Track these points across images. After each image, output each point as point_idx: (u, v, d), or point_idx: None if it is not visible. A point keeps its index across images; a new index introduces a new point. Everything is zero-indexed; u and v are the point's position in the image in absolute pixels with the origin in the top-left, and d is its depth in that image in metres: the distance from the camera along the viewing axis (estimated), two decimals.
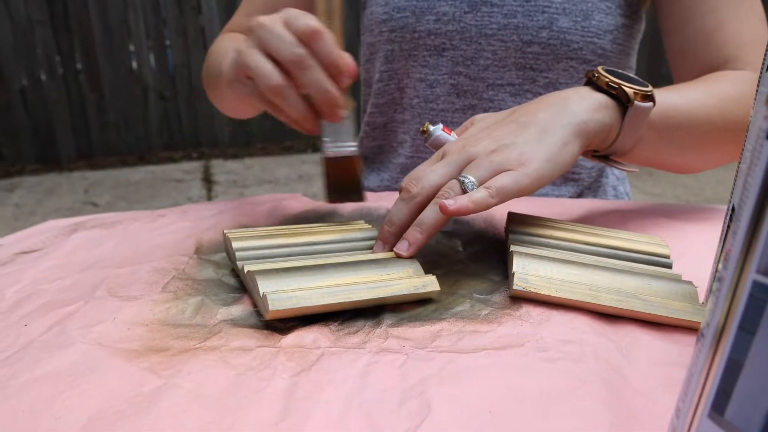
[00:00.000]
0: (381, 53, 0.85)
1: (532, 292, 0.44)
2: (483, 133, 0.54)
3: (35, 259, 0.57)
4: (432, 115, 0.84)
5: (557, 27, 0.76)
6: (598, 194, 0.88)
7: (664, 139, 0.60)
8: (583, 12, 0.76)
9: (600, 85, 0.56)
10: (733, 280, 0.23)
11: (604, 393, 0.35)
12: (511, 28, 0.78)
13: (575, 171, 0.85)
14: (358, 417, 0.33)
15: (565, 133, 0.52)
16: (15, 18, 3.54)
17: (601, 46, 0.77)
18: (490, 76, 0.81)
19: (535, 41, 0.77)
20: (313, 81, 0.50)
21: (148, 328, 0.43)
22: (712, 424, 0.24)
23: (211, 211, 0.67)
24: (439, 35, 0.80)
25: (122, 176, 3.63)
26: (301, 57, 0.49)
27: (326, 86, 0.50)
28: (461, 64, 0.81)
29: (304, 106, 0.51)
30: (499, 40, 0.79)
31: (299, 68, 0.49)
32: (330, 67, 0.50)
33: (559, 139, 0.52)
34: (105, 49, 3.69)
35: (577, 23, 0.76)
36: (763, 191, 0.21)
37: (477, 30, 0.79)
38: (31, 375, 0.38)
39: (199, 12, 3.72)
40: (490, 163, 0.50)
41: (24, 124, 3.73)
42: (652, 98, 0.56)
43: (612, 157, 0.60)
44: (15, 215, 3.06)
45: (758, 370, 0.22)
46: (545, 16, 0.77)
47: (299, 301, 0.42)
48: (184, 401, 0.35)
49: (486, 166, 0.50)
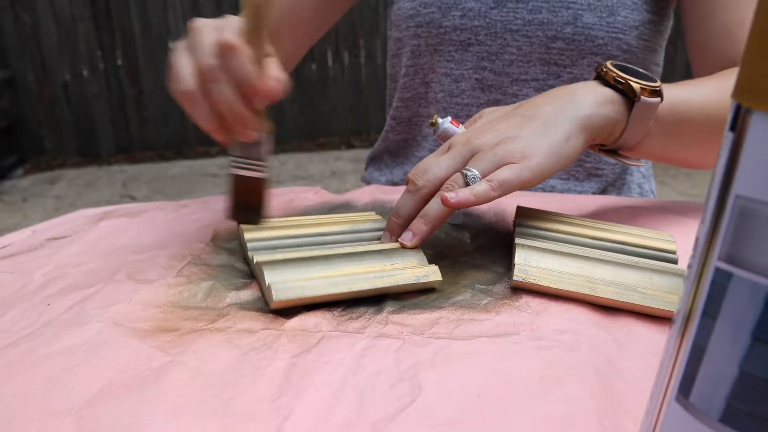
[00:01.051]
0: (407, 48, 0.86)
1: (531, 283, 0.45)
2: (488, 125, 0.55)
3: (64, 244, 0.60)
4: (457, 109, 0.85)
5: (582, 23, 0.77)
6: (623, 191, 0.88)
7: (672, 134, 0.60)
8: (608, 8, 0.76)
9: (607, 80, 0.57)
10: (699, 267, 0.24)
11: (593, 381, 0.36)
12: (536, 24, 0.78)
13: (598, 167, 0.85)
14: (351, 397, 0.35)
15: (569, 127, 0.53)
16: (59, 15, 3.63)
17: (626, 41, 0.78)
18: (515, 71, 0.81)
19: (560, 37, 0.78)
20: (220, 96, 0.47)
21: (160, 309, 0.45)
22: (678, 407, 0.25)
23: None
24: (464, 30, 0.81)
25: (159, 170, 3.69)
26: (210, 69, 0.47)
27: (232, 104, 0.47)
28: (486, 59, 0.82)
29: (211, 118, 0.49)
30: (524, 36, 0.79)
31: (207, 80, 0.48)
32: (243, 86, 0.47)
33: (563, 133, 0.52)
34: (145, 46, 3.77)
35: (602, 19, 0.76)
36: (725, 182, 0.22)
37: (502, 25, 0.80)
38: (48, 349, 0.40)
39: (237, 9, 3.78)
40: (494, 156, 0.51)
41: (66, 118, 3.82)
42: (659, 94, 0.56)
43: (619, 152, 0.60)
44: (55, 206, 3.14)
45: (719, 355, 0.23)
46: (570, 12, 0.77)
47: (303, 291, 0.44)
48: (188, 377, 0.37)
49: (489, 159, 0.51)
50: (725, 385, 0.23)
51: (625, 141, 0.58)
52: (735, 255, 0.22)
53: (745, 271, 0.21)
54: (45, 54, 3.69)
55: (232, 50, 0.46)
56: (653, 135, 0.59)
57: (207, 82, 0.48)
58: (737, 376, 0.22)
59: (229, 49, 0.46)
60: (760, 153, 0.20)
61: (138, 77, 3.81)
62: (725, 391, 0.23)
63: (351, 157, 3.83)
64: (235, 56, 0.46)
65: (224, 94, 0.47)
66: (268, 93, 0.47)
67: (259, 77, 0.47)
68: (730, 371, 0.22)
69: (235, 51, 0.46)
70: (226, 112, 0.48)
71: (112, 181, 3.54)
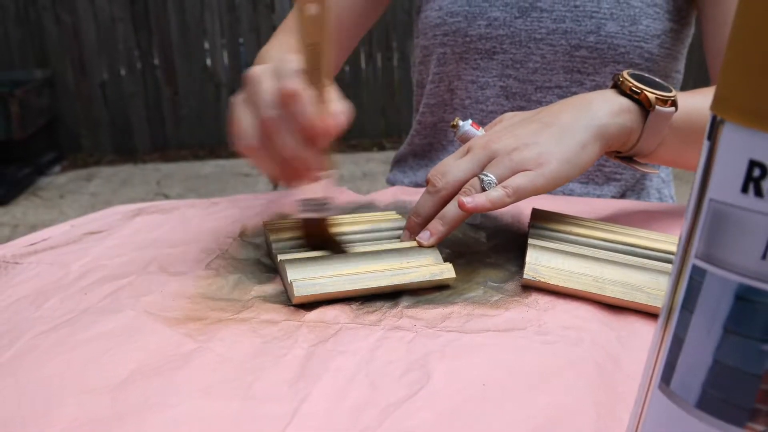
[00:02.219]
0: (434, 56, 0.89)
1: (541, 282, 0.47)
2: (507, 130, 0.57)
3: (100, 238, 0.63)
4: (482, 116, 0.87)
5: (605, 32, 0.78)
6: (642, 196, 0.90)
7: (686, 141, 0.61)
8: (630, 17, 0.78)
9: (623, 89, 0.58)
10: (679, 265, 0.26)
11: (594, 374, 0.38)
12: (560, 33, 0.80)
13: (617, 171, 0.87)
14: (363, 383, 0.37)
15: (585, 135, 0.54)
16: (99, 16, 3.71)
17: (648, 50, 0.79)
18: (539, 78, 0.83)
19: (583, 45, 0.79)
20: (284, 145, 0.47)
21: (190, 300, 0.48)
22: (661, 394, 0.27)
23: (259, 200, 0.72)
24: (490, 39, 0.83)
25: (193, 169, 3.75)
26: (272, 120, 0.47)
27: (296, 152, 0.47)
28: (511, 67, 0.84)
29: (277, 170, 0.49)
30: (548, 44, 0.81)
31: (269, 131, 0.47)
32: (305, 130, 0.46)
33: (578, 141, 0.54)
34: (181, 47, 3.83)
35: (625, 28, 0.78)
36: (701, 186, 0.24)
37: (527, 34, 0.82)
38: (86, 334, 0.44)
39: (272, 10, 3.83)
40: (510, 161, 0.52)
41: (103, 116, 3.91)
42: (674, 103, 0.57)
43: (635, 158, 0.61)
44: (91, 203, 3.21)
45: (696, 346, 0.25)
46: (593, 21, 0.79)
47: (322, 287, 0.46)
48: (214, 362, 0.40)
49: (506, 164, 0.52)
50: (701, 373, 0.25)
51: (640, 149, 0.59)
52: (709, 253, 0.24)
53: (718, 268, 0.23)
54: (84, 54, 3.77)
55: (294, 98, 0.46)
56: (668, 143, 0.61)
57: (270, 134, 0.47)
58: (711, 365, 0.24)
59: (291, 97, 0.46)
60: (730, 160, 0.22)
61: (174, 77, 3.88)
62: (701, 379, 0.25)
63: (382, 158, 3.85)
64: (296, 103, 0.46)
65: (288, 144, 0.47)
66: (330, 132, 0.47)
67: (321, 117, 0.46)
68: (705, 360, 0.24)
69: (297, 98, 0.46)
70: (290, 160, 0.48)
71: (147, 179, 3.60)
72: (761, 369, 0.23)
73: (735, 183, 0.22)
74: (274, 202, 0.70)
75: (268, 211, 0.67)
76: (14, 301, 0.50)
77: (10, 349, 0.42)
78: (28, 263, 0.57)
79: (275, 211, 0.67)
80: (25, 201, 3.25)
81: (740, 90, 0.22)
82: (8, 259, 0.59)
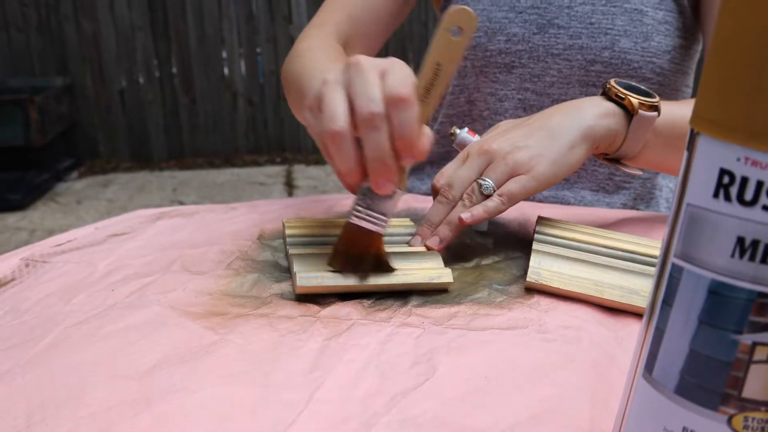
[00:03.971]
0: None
1: (543, 284, 0.50)
2: (500, 135, 0.61)
3: (124, 240, 0.66)
4: None
5: (619, 48, 0.81)
6: (651, 205, 0.92)
7: (671, 146, 0.65)
8: (643, 34, 0.81)
9: (610, 95, 0.63)
10: (661, 263, 0.28)
11: (591, 370, 0.41)
12: (576, 49, 0.83)
13: (627, 180, 0.89)
14: (374, 374, 0.40)
15: (573, 137, 0.59)
16: (119, 25, 3.78)
17: (659, 65, 0.82)
18: (556, 92, 0.86)
19: (598, 60, 0.83)
20: (375, 145, 0.45)
21: (211, 296, 0.51)
22: (644, 382, 0.29)
23: (276, 206, 0.75)
24: (509, 54, 0.86)
25: (209, 177, 3.80)
26: (374, 116, 0.45)
27: (384, 156, 0.46)
28: (529, 80, 0.87)
29: (353, 164, 0.47)
30: (565, 60, 0.84)
31: (367, 125, 0.45)
32: (400, 141, 0.45)
33: (567, 142, 0.59)
34: (199, 56, 3.89)
35: (638, 44, 0.81)
36: (681, 192, 0.27)
37: (544, 50, 0.85)
38: (114, 327, 0.47)
39: (290, 21, 3.88)
40: (506, 165, 0.57)
41: (121, 123, 3.96)
42: (657, 108, 0.62)
43: (621, 161, 0.66)
44: (108, 209, 3.26)
45: (674, 337, 0.27)
46: (608, 38, 0.82)
47: (323, 281, 0.50)
48: (234, 353, 0.43)
49: (502, 169, 0.57)
50: (679, 362, 0.27)
51: (625, 151, 0.64)
52: (686, 253, 0.26)
53: (693, 266, 0.26)
54: (103, 61, 3.84)
55: (405, 105, 0.45)
56: (652, 146, 0.65)
57: (366, 127, 0.46)
58: (688, 354, 0.27)
59: (404, 102, 0.45)
60: (704, 168, 0.25)
61: (192, 86, 3.94)
62: (679, 367, 0.27)
63: None
64: (406, 111, 0.45)
65: (379, 145, 0.45)
66: (423, 153, 0.47)
67: (419, 134, 0.46)
68: (682, 350, 0.27)
69: (408, 106, 0.45)
70: (374, 161, 0.46)
71: (163, 186, 3.65)
72: (732, 357, 0.26)
73: (708, 189, 0.25)
74: (292, 207, 0.73)
75: (285, 215, 0.70)
76: (43, 297, 0.53)
77: (43, 340, 0.46)
78: (55, 262, 0.61)
79: (293, 215, 0.70)
80: (42, 206, 3.30)
81: (713, 107, 0.25)
82: (36, 258, 0.62)
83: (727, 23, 0.24)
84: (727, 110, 0.24)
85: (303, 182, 3.69)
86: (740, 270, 0.24)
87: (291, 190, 3.57)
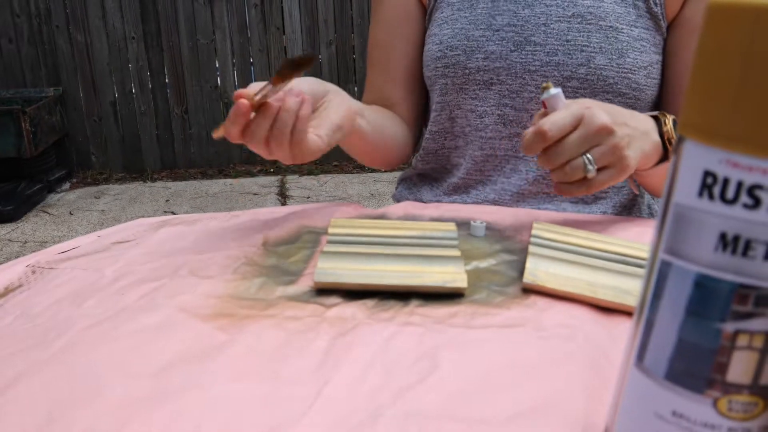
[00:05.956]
0: (436, 86, 0.94)
1: (539, 285, 0.52)
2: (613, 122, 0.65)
3: (129, 247, 0.68)
4: (481, 142, 0.92)
5: (594, 64, 0.84)
6: (633, 212, 0.95)
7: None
8: (618, 50, 0.84)
9: (662, 132, 0.70)
10: (651, 259, 0.30)
11: (586, 365, 0.43)
12: (553, 65, 0.86)
13: (603, 190, 0.92)
14: (379, 370, 0.42)
15: (647, 154, 0.66)
16: (111, 35, 3.80)
17: (635, 80, 0.85)
18: (534, 107, 0.89)
19: (574, 77, 0.85)
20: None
21: (220, 299, 0.53)
22: (636, 371, 0.31)
23: (278, 214, 0.77)
24: (487, 71, 0.89)
25: (201, 188, 3.81)
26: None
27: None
28: (507, 96, 0.89)
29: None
30: (542, 76, 0.87)
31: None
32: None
33: (638, 159, 0.65)
34: (192, 66, 3.91)
35: (613, 60, 0.84)
36: (669, 192, 0.29)
37: (522, 67, 0.87)
38: (126, 328, 0.48)
39: (282, 32, 3.91)
40: (612, 155, 0.64)
41: (113, 134, 3.98)
42: None
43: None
44: (100, 220, 3.27)
45: (663, 326, 0.30)
46: (583, 55, 0.84)
47: (339, 277, 0.53)
48: (244, 352, 0.44)
49: (607, 156, 0.64)
50: (668, 350, 0.29)
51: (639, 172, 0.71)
52: (673, 248, 0.28)
53: (680, 260, 0.28)
54: (96, 72, 3.85)
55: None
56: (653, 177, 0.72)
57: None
58: (676, 343, 0.29)
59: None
60: (689, 170, 0.27)
61: (184, 96, 3.96)
62: (668, 355, 0.29)
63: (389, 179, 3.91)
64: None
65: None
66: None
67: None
68: (671, 339, 0.29)
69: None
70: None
71: (156, 197, 3.66)
72: (716, 344, 0.28)
73: (693, 189, 0.27)
74: (294, 215, 0.75)
75: (287, 223, 0.72)
76: (54, 302, 0.55)
77: (58, 341, 0.47)
78: (62, 269, 0.62)
79: (295, 223, 0.72)
80: (34, 217, 3.30)
81: (697, 115, 0.27)
82: (42, 265, 0.63)
83: (709, 40, 0.26)
84: (709, 117, 0.26)
85: (296, 192, 3.71)
86: (723, 263, 0.27)
87: (284, 200, 3.58)
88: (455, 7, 0.91)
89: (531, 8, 0.87)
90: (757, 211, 0.26)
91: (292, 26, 3.88)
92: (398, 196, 1.07)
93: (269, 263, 0.60)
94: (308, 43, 3.85)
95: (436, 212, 0.75)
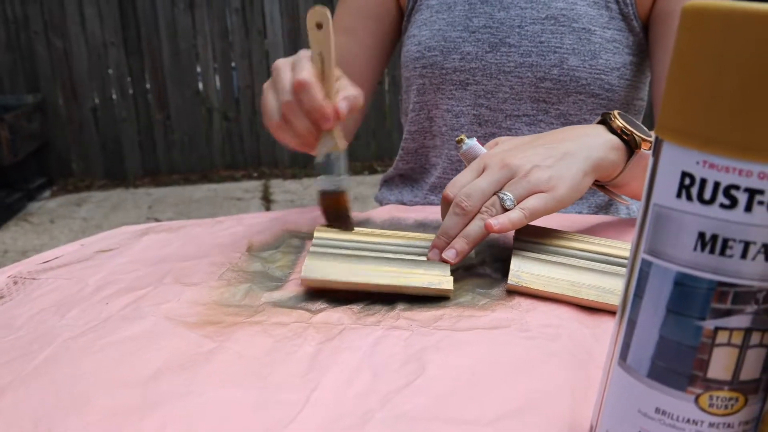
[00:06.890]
0: (414, 86, 0.95)
1: (523, 286, 0.53)
2: (519, 151, 0.62)
3: (112, 256, 0.68)
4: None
5: (567, 65, 0.85)
6: (610, 212, 0.96)
7: None
8: (591, 52, 0.85)
9: (613, 128, 0.65)
10: (632, 260, 0.31)
11: (570, 365, 0.43)
12: (527, 66, 0.87)
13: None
14: (366, 373, 0.42)
15: (586, 165, 0.61)
16: (90, 41, 3.77)
17: (608, 81, 0.86)
18: (508, 107, 0.90)
19: (548, 78, 0.86)
20: (297, 126, 0.60)
21: (205, 306, 0.53)
22: (620, 369, 0.32)
23: (262, 219, 0.77)
24: (463, 72, 0.90)
25: (185, 193, 3.79)
26: (288, 105, 0.60)
27: (304, 132, 0.61)
28: (483, 97, 0.90)
29: (295, 140, 0.63)
30: (516, 77, 0.88)
31: (286, 111, 0.60)
32: (310, 113, 0.59)
33: (581, 169, 0.61)
34: (173, 71, 3.89)
35: (585, 62, 0.85)
36: (648, 193, 0.29)
37: (497, 67, 0.88)
38: (112, 338, 0.48)
39: (264, 36, 3.90)
40: (527, 183, 0.58)
41: (94, 141, 3.95)
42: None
43: (608, 187, 0.69)
44: (82, 228, 3.24)
45: (645, 325, 0.30)
46: (557, 56, 0.85)
47: (327, 275, 0.53)
48: (232, 359, 0.45)
49: (523, 185, 0.58)
50: (650, 348, 0.30)
51: (617, 181, 0.67)
52: (654, 248, 0.29)
53: (660, 260, 0.29)
54: (75, 78, 3.82)
55: (303, 87, 0.58)
56: (640, 179, 0.67)
57: (286, 113, 0.60)
58: (657, 341, 0.29)
59: (301, 86, 0.58)
60: (668, 172, 0.28)
61: (166, 102, 3.93)
62: (650, 353, 0.30)
63: (373, 182, 3.91)
64: (306, 92, 0.58)
65: (299, 125, 0.60)
66: (331, 116, 0.59)
67: (326, 105, 0.59)
68: (652, 337, 0.30)
69: (306, 88, 0.58)
70: (300, 136, 0.62)
71: (138, 204, 3.64)
72: (697, 341, 0.28)
73: (671, 190, 0.28)
74: (277, 220, 0.75)
75: (271, 228, 0.72)
76: (37, 312, 0.54)
77: (42, 353, 0.47)
78: (44, 279, 0.62)
79: (280, 228, 0.72)
80: (14, 226, 3.27)
81: (674, 117, 0.28)
82: (24, 275, 0.63)
83: (684, 44, 0.27)
84: (687, 120, 0.27)
85: (280, 196, 3.71)
86: (702, 262, 0.27)
87: (268, 204, 3.58)
88: (434, 9, 0.92)
89: (506, 11, 0.88)
90: (734, 211, 0.26)
91: (273, 30, 3.88)
92: (380, 198, 1.08)
93: (254, 269, 0.60)
94: (290, 47, 3.85)
95: (420, 215, 0.76)
